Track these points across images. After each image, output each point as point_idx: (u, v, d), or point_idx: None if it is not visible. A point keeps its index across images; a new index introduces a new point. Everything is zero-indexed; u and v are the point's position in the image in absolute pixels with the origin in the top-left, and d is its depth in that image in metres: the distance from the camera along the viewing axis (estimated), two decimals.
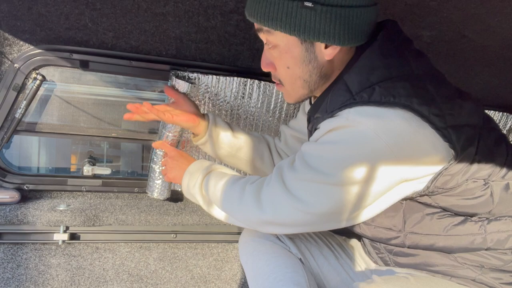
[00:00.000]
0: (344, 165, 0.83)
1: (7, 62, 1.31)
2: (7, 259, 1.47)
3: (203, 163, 1.20)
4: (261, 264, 1.11)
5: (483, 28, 1.28)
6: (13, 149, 1.55)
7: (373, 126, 0.81)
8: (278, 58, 0.95)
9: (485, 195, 0.91)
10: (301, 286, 1.02)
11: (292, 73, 0.95)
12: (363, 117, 0.82)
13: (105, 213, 1.53)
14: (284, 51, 0.93)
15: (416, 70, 0.88)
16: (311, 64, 0.93)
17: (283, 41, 0.91)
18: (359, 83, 0.86)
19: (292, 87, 0.99)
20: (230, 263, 1.70)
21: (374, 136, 0.81)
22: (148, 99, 1.61)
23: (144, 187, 1.63)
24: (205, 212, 1.62)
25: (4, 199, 1.45)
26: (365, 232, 1.07)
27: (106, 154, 1.91)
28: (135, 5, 1.16)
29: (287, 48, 0.92)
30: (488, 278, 0.95)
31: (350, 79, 0.88)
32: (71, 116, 1.52)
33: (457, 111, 0.86)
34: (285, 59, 0.94)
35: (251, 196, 0.98)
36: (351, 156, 0.83)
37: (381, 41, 0.90)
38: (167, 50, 1.36)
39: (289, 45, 0.91)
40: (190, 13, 1.21)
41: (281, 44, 0.92)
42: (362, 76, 0.87)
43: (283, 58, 0.94)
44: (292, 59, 0.93)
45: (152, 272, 1.62)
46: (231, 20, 1.24)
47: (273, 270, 1.07)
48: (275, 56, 0.95)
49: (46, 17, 1.19)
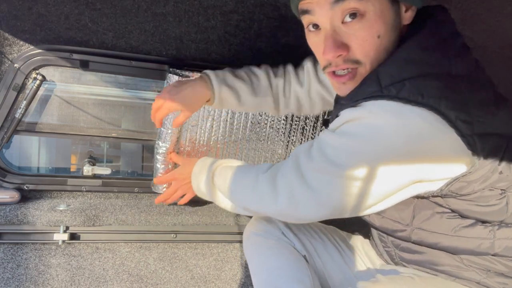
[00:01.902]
0: (358, 159, 0.81)
1: (7, 62, 1.31)
2: (7, 259, 1.47)
3: (206, 160, 1.18)
4: (265, 259, 1.11)
5: (483, 28, 1.28)
6: (13, 149, 1.55)
7: (394, 123, 0.78)
8: (366, 27, 0.82)
9: (500, 204, 0.87)
10: (304, 283, 1.02)
11: (380, 43, 0.84)
12: (386, 112, 0.78)
13: (105, 213, 1.53)
14: (377, 17, 0.82)
15: (454, 70, 0.81)
16: (396, 32, 0.85)
17: (375, 5, 0.81)
18: (390, 76, 0.81)
19: (372, 66, 0.86)
20: (230, 263, 1.70)
21: (392, 134, 0.78)
22: (148, 99, 1.61)
23: (144, 187, 1.63)
24: (205, 212, 1.63)
25: (4, 199, 1.45)
26: (373, 221, 1.06)
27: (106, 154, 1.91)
28: (135, 5, 1.16)
29: (380, 13, 0.82)
30: (493, 282, 0.93)
31: (382, 71, 0.83)
32: (71, 116, 1.52)
33: (488, 119, 0.80)
34: (377, 27, 0.82)
35: (266, 186, 0.95)
36: (367, 150, 0.80)
37: (425, 32, 0.84)
38: (167, 50, 1.36)
39: (382, 8, 0.81)
40: (190, 13, 1.21)
41: (372, 9, 0.81)
42: (395, 69, 0.81)
43: (374, 26, 0.82)
44: (384, 25, 0.83)
45: (152, 272, 1.62)
46: (231, 20, 1.24)
47: (277, 266, 1.07)
48: (361, 26, 0.82)
49: (46, 17, 1.19)
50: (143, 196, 1.66)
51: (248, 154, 1.64)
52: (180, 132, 1.47)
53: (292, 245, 1.16)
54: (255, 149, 1.65)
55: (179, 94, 1.19)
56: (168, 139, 1.44)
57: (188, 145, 1.56)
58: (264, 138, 1.63)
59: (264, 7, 1.21)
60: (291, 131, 1.64)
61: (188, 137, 1.54)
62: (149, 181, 1.64)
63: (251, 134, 1.61)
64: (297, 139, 1.66)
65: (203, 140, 1.57)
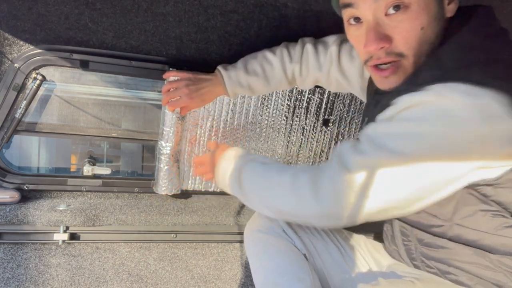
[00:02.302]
0: (427, 146, 0.76)
1: (7, 62, 1.31)
2: (7, 259, 1.47)
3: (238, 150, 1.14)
4: (266, 257, 1.09)
5: None
6: (13, 149, 1.55)
7: (469, 106, 0.73)
8: (408, 19, 0.81)
9: None
10: (304, 282, 1.01)
11: (423, 35, 0.82)
12: (458, 94, 0.73)
13: (105, 213, 1.53)
14: (421, 8, 0.80)
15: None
16: (440, 24, 0.84)
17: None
18: (457, 59, 0.78)
19: (415, 58, 0.84)
20: (230, 263, 1.70)
21: (467, 117, 0.73)
22: (148, 99, 1.61)
23: (144, 187, 1.63)
24: (205, 212, 1.63)
25: (4, 199, 1.45)
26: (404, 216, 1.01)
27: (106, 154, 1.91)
28: (135, 5, 1.16)
29: (424, 4, 0.80)
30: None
31: (445, 54, 0.79)
32: (71, 116, 1.52)
33: None
34: (421, 18, 0.81)
35: (307, 187, 0.89)
36: (438, 135, 0.75)
37: (480, 21, 0.82)
38: (167, 50, 1.36)
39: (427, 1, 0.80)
40: (190, 13, 1.21)
41: (416, 1, 0.80)
42: (460, 53, 0.78)
43: (418, 18, 0.81)
44: (428, 17, 0.81)
45: (152, 272, 1.62)
46: (231, 20, 1.24)
47: (278, 264, 1.05)
48: (405, 17, 0.81)
49: (46, 17, 1.19)
50: (143, 196, 1.66)
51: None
52: (182, 131, 1.47)
53: (293, 243, 1.15)
54: (255, 149, 1.65)
55: (198, 93, 1.27)
56: (172, 138, 1.44)
57: (188, 146, 1.56)
58: (265, 138, 1.63)
59: (264, 7, 1.21)
60: (291, 131, 1.64)
61: (188, 137, 1.54)
62: (149, 181, 1.64)
63: (252, 134, 1.61)
64: (297, 139, 1.66)
65: (203, 140, 1.57)
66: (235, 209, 1.69)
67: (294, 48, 1.27)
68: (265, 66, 1.27)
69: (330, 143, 1.69)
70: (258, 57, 1.28)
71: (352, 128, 1.68)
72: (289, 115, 1.60)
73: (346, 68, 1.23)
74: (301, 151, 1.69)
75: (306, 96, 1.58)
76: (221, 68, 1.29)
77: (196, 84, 1.28)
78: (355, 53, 1.19)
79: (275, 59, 1.27)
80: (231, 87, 1.28)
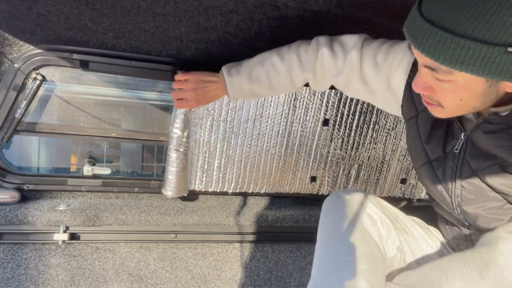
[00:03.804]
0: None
1: (7, 62, 1.31)
2: (7, 259, 1.47)
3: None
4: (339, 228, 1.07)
5: None
6: (13, 149, 1.55)
7: None
8: (449, 91, 0.85)
9: None
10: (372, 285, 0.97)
11: (464, 103, 0.87)
12: None
13: (105, 213, 1.53)
14: (463, 88, 0.84)
15: None
16: (490, 97, 0.86)
17: (465, 79, 0.81)
18: None
19: (457, 111, 0.91)
20: (230, 263, 1.70)
21: None
22: (148, 99, 1.61)
23: (144, 187, 1.63)
24: (205, 212, 1.63)
25: (4, 199, 1.45)
26: None
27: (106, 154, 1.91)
28: (135, 5, 1.16)
29: (467, 85, 0.83)
30: None
31: None
32: (71, 116, 1.52)
33: None
34: (460, 94, 0.85)
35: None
36: None
37: None
38: (167, 50, 1.36)
39: (471, 83, 0.82)
40: (190, 13, 1.21)
41: (461, 81, 0.82)
42: None
43: (457, 92, 0.85)
44: (470, 94, 0.85)
45: (152, 272, 1.62)
46: (231, 20, 1.24)
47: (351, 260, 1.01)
48: (446, 88, 0.85)
49: (46, 17, 1.19)
50: (143, 196, 1.66)
51: (248, 152, 1.64)
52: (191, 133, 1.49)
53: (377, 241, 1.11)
54: (256, 150, 1.65)
55: (205, 96, 1.31)
56: (182, 140, 1.47)
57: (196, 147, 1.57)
58: (264, 138, 1.63)
59: (264, 7, 1.21)
60: (291, 131, 1.64)
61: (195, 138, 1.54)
62: (149, 181, 1.64)
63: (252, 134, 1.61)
64: (297, 139, 1.66)
65: (203, 140, 1.57)
66: (235, 209, 1.69)
67: (306, 52, 1.19)
68: (271, 74, 1.23)
69: (330, 143, 1.69)
70: (265, 64, 1.22)
71: (353, 128, 1.68)
72: (289, 115, 1.60)
73: (368, 76, 1.15)
74: (301, 151, 1.69)
75: (306, 95, 1.58)
76: (225, 72, 1.26)
77: (202, 87, 1.29)
78: (380, 59, 1.12)
79: (283, 68, 1.21)
80: (233, 93, 1.28)
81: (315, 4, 1.22)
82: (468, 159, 0.98)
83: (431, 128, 1.06)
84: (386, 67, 1.10)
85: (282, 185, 1.74)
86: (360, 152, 1.74)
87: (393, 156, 1.78)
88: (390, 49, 1.10)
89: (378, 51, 1.12)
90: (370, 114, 1.67)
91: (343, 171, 1.77)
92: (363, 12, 1.28)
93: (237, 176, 1.66)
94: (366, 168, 1.79)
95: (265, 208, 1.72)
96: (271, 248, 1.73)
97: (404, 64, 1.07)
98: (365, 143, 1.73)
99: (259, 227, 1.68)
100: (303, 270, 1.78)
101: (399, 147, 1.77)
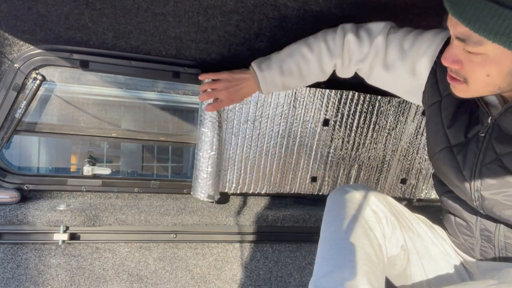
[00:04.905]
0: None
1: (7, 62, 1.31)
2: (7, 259, 1.47)
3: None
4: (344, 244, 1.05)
5: None
6: (13, 149, 1.55)
7: None
8: (478, 64, 0.86)
9: None
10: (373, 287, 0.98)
11: (490, 81, 0.88)
12: None
13: (105, 213, 1.53)
14: (492, 62, 0.84)
15: None
16: None
17: (495, 52, 0.82)
18: None
19: (480, 90, 0.92)
20: (230, 263, 1.70)
21: None
22: (148, 99, 1.62)
23: (144, 187, 1.63)
24: (205, 212, 1.63)
25: (4, 199, 1.45)
26: None
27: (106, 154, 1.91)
28: (135, 5, 1.16)
29: (496, 60, 0.84)
30: None
31: None
32: (71, 116, 1.52)
33: None
34: (488, 68, 0.86)
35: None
36: None
37: None
38: (167, 50, 1.36)
39: (501, 57, 0.83)
40: (190, 13, 1.21)
41: (491, 54, 0.83)
42: None
43: (486, 67, 0.85)
44: (498, 70, 0.85)
45: (152, 272, 1.62)
46: (231, 20, 1.24)
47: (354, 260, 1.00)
48: (475, 61, 0.86)
49: (46, 17, 1.19)
50: (143, 196, 1.66)
51: (248, 153, 1.64)
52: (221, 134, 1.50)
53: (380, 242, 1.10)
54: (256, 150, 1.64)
55: (238, 94, 1.31)
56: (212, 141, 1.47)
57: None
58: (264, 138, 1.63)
59: (264, 7, 1.21)
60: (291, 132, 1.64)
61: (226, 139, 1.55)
62: (149, 181, 1.64)
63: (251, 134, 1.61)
64: (297, 139, 1.66)
65: None
66: (235, 209, 1.69)
67: (334, 39, 1.21)
68: (302, 65, 1.24)
69: (330, 143, 1.69)
70: (295, 55, 1.24)
71: (353, 128, 1.68)
72: (289, 115, 1.60)
73: (392, 62, 1.16)
74: (301, 151, 1.69)
75: (306, 95, 1.57)
76: (256, 67, 1.27)
77: (234, 85, 1.29)
78: (407, 46, 1.14)
79: (313, 57, 1.23)
80: (266, 87, 1.29)
81: (315, 4, 1.22)
82: (494, 144, 0.98)
83: (455, 112, 1.06)
84: (412, 53, 1.12)
85: (283, 185, 1.74)
86: (361, 152, 1.74)
87: (393, 156, 1.78)
88: (418, 37, 1.12)
89: (405, 38, 1.14)
90: (371, 114, 1.67)
91: (343, 171, 1.77)
92: (363, 12, 1.28)
93: (237, 177, 1.66)
94: (367, 168, 1.79)
95: (265, 208, 1.72)
96: (271, 248, 1.73)
97: (431, 50, 1.09)
98: (366, 143, 1.73)
99: (259, 227, 1.68)
100: (303, 270, 1.78)
101: (399, 147, 1.77)
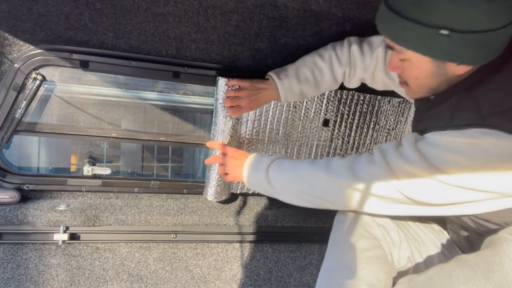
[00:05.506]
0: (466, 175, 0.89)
1: (7, 62, 1.31)
2: (7, 259, 1.47)
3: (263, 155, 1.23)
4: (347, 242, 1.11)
5: None
6: (13, 149, 1.55)
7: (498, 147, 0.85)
8: (407, 68, 0.98)
9: None
10: None
11: (420, 82, 0.99)
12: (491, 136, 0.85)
13: (105, 213, 1.53)
14: (415, 66, 0.96)
15: None
16: (441, 77, 0.96)
17: (415, 58, 0.94)
18: (491, 104, 0.87)
19: (418, 90, 1.03)
20: (230, 263, 1.70)
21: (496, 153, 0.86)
22: (148, 99, 1.62)
23: (144, 187, 1.63)
24: (205, 212, 1.63)
25: (4, 199, 1.45)
26: None
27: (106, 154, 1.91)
28: (135, 5, 1.17)
29: (418, 64, 0.95)
30: None
31: (481, 98, 0.89)
32: (71, 116, 1.52)
33: None
34: (414, 72, 0.98)
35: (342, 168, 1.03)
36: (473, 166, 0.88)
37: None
38: (167, 50, 1.36)
39: (420, 62, 0.94)
40: (190, 13, 1.21)
41: (412, 59, 0.95)
42: (495, 97, 0.88)
43: (412, 70, 0.98)
44: (422, 73, 0.96)
45: (152, 272, 1.62)
46: (231, 20, 1.24)
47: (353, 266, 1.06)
48: (405, 66, 0.99)
49: (46, 17, 1.19)
50: (143, 196, 1.66)
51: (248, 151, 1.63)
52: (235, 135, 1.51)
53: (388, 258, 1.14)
54: (255, 150, 1.65)
55: (257, 102, 1.39)
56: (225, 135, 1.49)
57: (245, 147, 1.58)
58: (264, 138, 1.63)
59: (264, 7, 1.21)
60: (291, 132, 1.64)
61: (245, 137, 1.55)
62: (149, 181, 1.64)
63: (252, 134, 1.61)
64: (297, 139, 1.66)
65: None
66: (235, 209, 1.69)
67: (341, 50, 1.32)
68: (316, 73, 1.33)
69: (330, 143, 1.69)
70: (308, 64, 1.34)
71: (353, 128, 1.68)
72: (289, 115, 1.60)
73: None
74: (301, 151, 1.69)
75: None
76: (274, 76, 1.34)
77: (256, 93, 1.37)
78: None
79: (325, 65, 1.32)
80: (284, 96, 1.36)
81: (315, 4, 1.22)
82: None
83: None
84: None
85: None
86: (361, 152, 1.74)
87: None
88: None
89: None
90: (370, 114, 1.67)
91: None
92: (363, 12, 1.28)
93: None
94: None
95: (265, 208, 1.72)
96: (271, 248, 1.73)
97: None
98: (365, 143, 1.73)
99: (259, 227, 1.68)
100: (303, 270, 1.78)
101: None
